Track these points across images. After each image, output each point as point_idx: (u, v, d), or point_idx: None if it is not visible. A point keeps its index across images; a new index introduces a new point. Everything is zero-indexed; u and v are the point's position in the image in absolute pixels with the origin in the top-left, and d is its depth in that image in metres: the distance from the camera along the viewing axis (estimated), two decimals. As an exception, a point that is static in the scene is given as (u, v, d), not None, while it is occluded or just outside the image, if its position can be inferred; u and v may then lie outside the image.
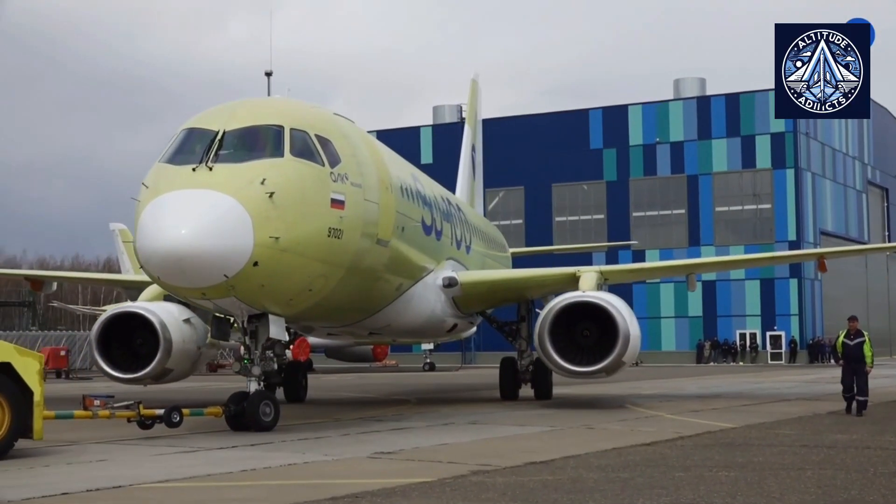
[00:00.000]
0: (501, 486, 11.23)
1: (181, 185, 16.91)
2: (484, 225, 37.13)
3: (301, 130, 18.42)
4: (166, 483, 11.72)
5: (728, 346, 72.87)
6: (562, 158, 78.30)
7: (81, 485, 11.34)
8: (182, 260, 16.20)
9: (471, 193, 43.44)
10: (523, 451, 14.83)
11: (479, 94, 46.88)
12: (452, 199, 30.96)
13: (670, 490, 10.91)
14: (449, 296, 26.28)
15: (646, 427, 19.03)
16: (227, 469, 12.87)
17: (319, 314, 21.77)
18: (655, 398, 28.80)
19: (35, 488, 11.08)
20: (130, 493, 11.03)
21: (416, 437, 17.37)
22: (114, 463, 13.73)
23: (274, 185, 17.03)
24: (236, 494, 11.11)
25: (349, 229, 18.69)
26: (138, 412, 17.25)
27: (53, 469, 13.09)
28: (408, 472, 12.40)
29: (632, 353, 23.77)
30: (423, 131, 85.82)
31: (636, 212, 77.13)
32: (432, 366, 60.96)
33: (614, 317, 23.48)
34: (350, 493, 10.57)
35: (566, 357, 23.64)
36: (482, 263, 31.61)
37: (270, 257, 16.76)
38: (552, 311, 23.81)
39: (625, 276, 35.18)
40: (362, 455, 14.44)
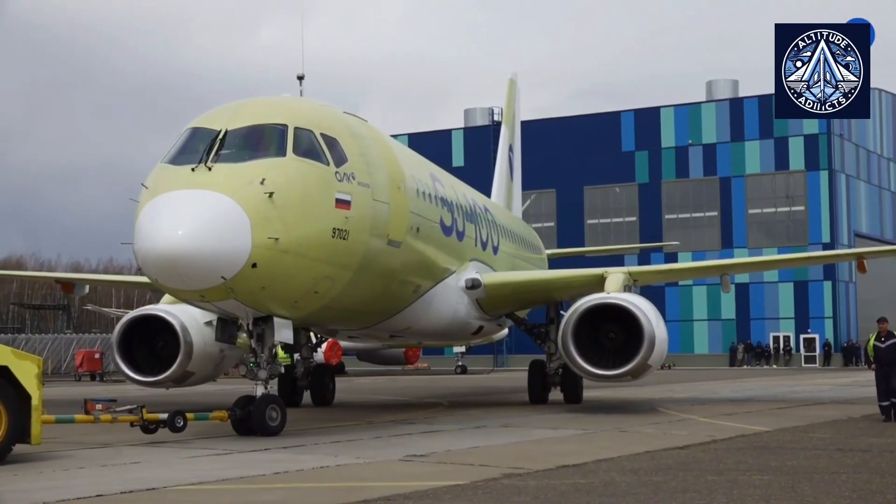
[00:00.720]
0: (533, 489, 11.21)
1: (179, 186, 16.66)
2: (517, 226, 36.59)
3: (306, 129, 18.18)
4: (199, 485, 11.76)
5: (761, 349, 72.42)
6: (593, 161, 78.13)
7: (115, 487, 11.41)
8: (177, 261, 15.94)
9: (507, 194, 42.88)
10: (555, 454, 14.80)
11: (517, 93, 46.18)
12: (479, 199, 30.60)
13: (703, 494, 10.86)
14: (472, 297, 25.96)
15: (678, 430, 18.94)
16: (259, 472, 12.90)
17: (331, 317, 21.60)
18: (688, 401, 28.66)
19: (70, 490, 11.16)
20: (164, 495, 11.08)
21: (448, 440, 17.37)
22: (147, 465, 13.79)
23: (274, 184, 16.76)
24: (269, 497, 11.15)
25: (356, 230, 18.41)
26: (141, 416, 16.97)
27: (88, 471, 13.17)
28: (440, 475, 12.40)
29: (658, 356, 23.16)
30: (455, 134, 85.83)
31: (668, 214, 76.82)
32: (464, 369, 60.94)
33: (639, 319, 22.89)
34: (382, 496, 10.58)
35: (590, 360, 23.19)
36: (512, 265, 31.23)
37: (270, 259, 16.50)
38: (576, 314, 23.37)
39: (654, 277, 34.42)
40: (394, 458, 14.45)
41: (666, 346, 23.61)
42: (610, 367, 23.14)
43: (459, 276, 25.49)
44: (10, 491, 11.22)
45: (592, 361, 23.17)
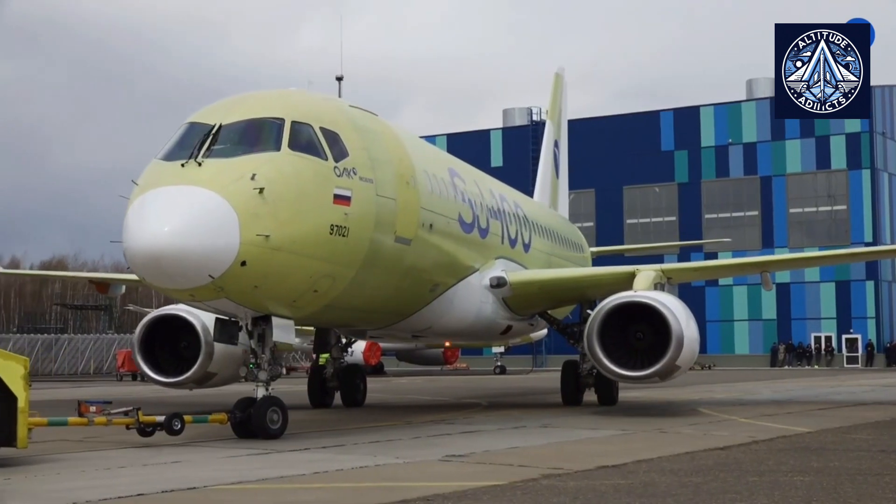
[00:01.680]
0: (573, 489, 11.17)
1: (166, 182, 16.23)
2: (555, 224, 35.87)
3: (304, 123, 17.67)
4: (239, 485, 11.81)
5: (803, 350, 71.93)
6: (633, 160, 77.96)
7: (156, 486, 11.47)
8: (162, 259, 15.52)
9: (552, 192, 42.24)
10: (595, 454, 14.74)
11: (563, 88, 45.28)
12: (509, 195, 29.81)
13: (744, 495, 10.78)
14: (498, 296, 25.42)
15: (719, 431, 18.82)
16: (299, 471, 12.94)
17: (338, 316, 21.31)
18: (728, 402, 28.48)
19: (111, 489, 11.23)
20: (204, 494, 11.13)
21: (487, 440, 17.34)
22: (187, 465, 13.86)
23: (265, 180, 16.24)
24: (308, 497, 11.18)
25: (357, 226, 17.94)
26: (137, 419, 16.57)
27: (129, 470, 13.26)
28: (479, 476, 12.38)
29: (687, 357, 22.27)
30: (493, 134, 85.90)
31: (708, 214, 76.51)
32: (503, 369, 60.92)
33: (666, 318, 22.06)
34: (421, 496, 10.58)
35: (617, 360, 22.44)
36: (547, 263, 30.65)
37: (260, 256, 16.01)
38: (601, 313, 22.67)
39: (689, 274, 33.14)
40: (433, 458, 14.44)
41: (696, 347, 22.83)
42: (638, 367, 22.43)
43: (483, 275, 24.98)
44: (53, 490, 11.32)
45: (620, 362, 22.49)
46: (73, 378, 55.85)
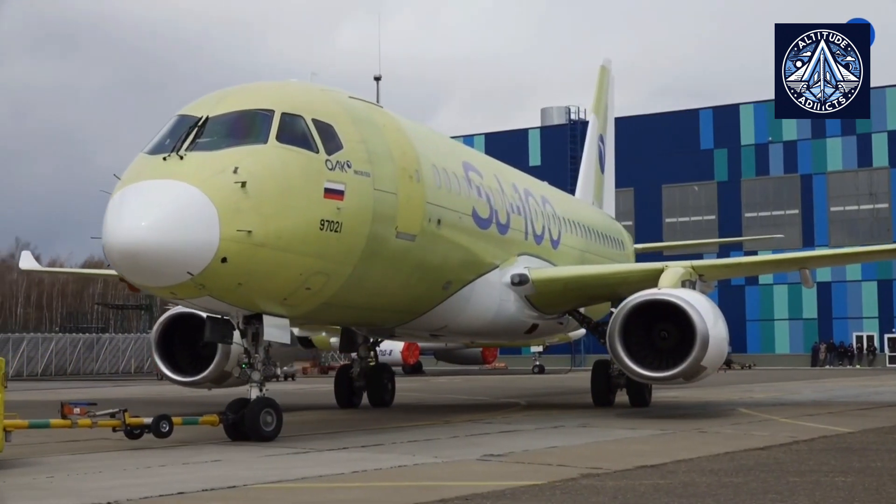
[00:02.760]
0: (612, 489, 11.14)
1: (146, 176, 15.74)
2: (592, 220, 34.88)
3: (295, 115, 17.09)
4: (279, 483, 11.85)
5: (844, 349, 71.34)
6: (672, 159, 77.65)
7: (196, 485, 11.53)
8: (138, 256, 15.03)
9: (596, 187, 41.41)
10: (634, 454, 14.69)
11: (609, 81, 44.26)
12: (536, 190, 28.88)
13: (785, 495, 10.70)
14: (521, 294, 24.64)
15: (759, 431, 18.70)
16: (338, 470, 12.97)
17: (340, 315, 20.88)
18: (769, 402, 28.30)
19: (151, 487, 11.31)
20: (245, 493, 11.18)
21: (525, 439, 17.32)
22: (228, 463, 13.93)
23: (249, 173, 15.69)
24: (347, 496, 11.20)
25: (352, 222, 17.34)
26: (123, 420, 16.09)
27: (169, 469, 13.34)
28: (518, 475, 12.37)
29: (713, 357, 21.36)
30: (531, 133, 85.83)
31: (748, 212, 76.09)
32: (542, 368, 60.85)
33: (690, 316, 21.10)
34: (460, 496, 10.57)
35: (640, 360, 21.59)
36: (580, 260, 29.82)
37: (242, 253, 15.48)
38: (622, 311, 21.83)
39: (722, 271, 31.88)
40: (472, 457, 14.43)
41: (724, 347, 21.98)
42: (664, 368, 21.55)
43: (504, 272, 24.27)
44: (94, 489, 11.41)
45: (644, 362, 21.66)
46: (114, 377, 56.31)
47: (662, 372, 21.53)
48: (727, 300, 73.30)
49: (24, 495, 11.07)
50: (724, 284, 73.45)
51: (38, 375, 57.34)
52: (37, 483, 11.98)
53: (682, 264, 24.94)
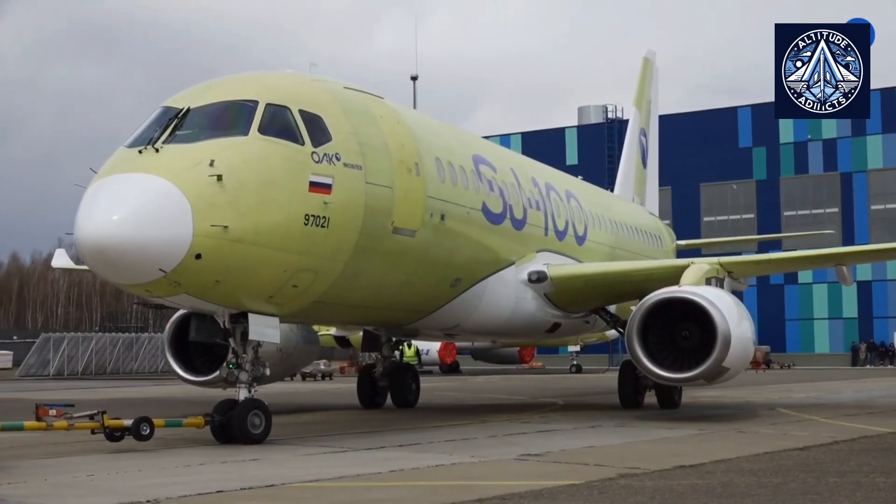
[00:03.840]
0: (650, 489, 11.10)
1: (120, 170, 15.22)
2: (627, 215, 33.94)
3: (280, 106, 16.48)
4: (317, 483, 11.90)
5: (885, 349, 70.71)
6: (710, 157, 77.26)
7: (235, 483, 11.60)
8: (107, 252, 14.52)
9: (637, 182, 40.55)
10: (672, 454, 14.63)
11: (653, 73, 43.27)
12: (560, 184, 27.84)
13: (825, 496, 10.63)
14: (539, 291, 23.81)
15: (799, 431, 18.58)
16: (375, 469, 13.00)
17: (337, 313, 20.34)
18: (808, 402, 28.09)
19: (191, 486, 11.38)
20: (283, 491, 11.23)
21: (563, 439, 17.29)
22: (266, 462, 13.99)
23: (226, 166, 15.10)
24: (385, 495, 11.23)
25: (341, 217, 16.70)
26: (102, 423, 15.70)
27: (208, 468, 13.41)
28: (555, 475, 12.35)
29: (737, 358, 20.45)
30: (568, 132, 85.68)
31: (787, 211, 75.58)
32: (579, 368, 60.70)
33: (711, 314, 20.24)
34: (497, 495, 10.57)
35: (660, 361, 20.76)
36: (609, 256, 28.96)
37: (217, 249, 14.91)
38: (640, 310, 20.98)
39: (752, 268, 30.12)
40: (509, 457, 14.43)
41: (749, 347, 21.09)
42: (685, 369, 20.69)
43: (520, 269, 23.45)
44: (134, 487, 11.50)
45: (665, 363, 20.86)
46: (153, 377, 56.66)
47: (683, 373, 20.76)
48: (766, 299, 72.95)
49: (65, 493, 11.17)
50: (762, 283, 73.18)
51: (79, 374, 57.76)
52: (77, 481, 12.09)
53: (709, 261, 24.22)
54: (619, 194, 39.16)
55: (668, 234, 38.74)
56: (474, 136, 25.02)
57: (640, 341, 20.83)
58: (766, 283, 73.69)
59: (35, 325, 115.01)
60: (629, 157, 41.04)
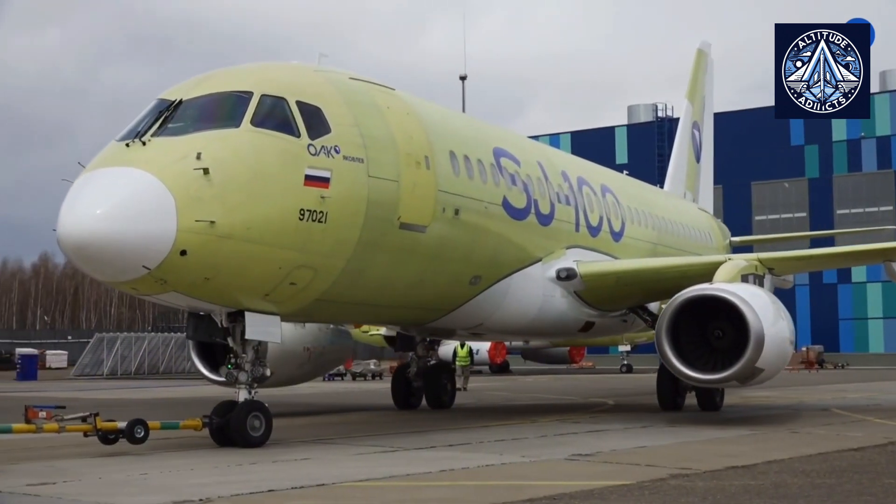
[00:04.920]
0: (701, 490, 11.03)
1: (105, 164, 14.78)
2: (672, 210, 32.81)
3: (277, 97, 15.93)
4: (367, 482, 11.93)
5: (941, 348, 69.78)
6: (761, 155, 76.57)
7: (287, 483, 11.66)
8: (87, 248, 14.05)
9: (689, 177, 39.59)
10: (724, 454, 14.53)
11: (707, 66, 42.24)
12: (594, 178, 26.79)
13: (879, 497, 10.51)
14: (569, 289, 23.04)
15: (853, 432, 18.38)
16: (425, 469, 13.01)
17: (343, 312, 19.51)
18: (862, 402, 27.76)
19: (242, 485, 11.46)
20: (333, 490, 11.27)
21: (613, 439, 17.22)
22: (317, 462, 14.05)
23: (214, 159, 14.59)
24: (435, 494, 11.23)
25: (340, 212, 16.10)
26: (95, 425, 15.20)
27: (260, 467, 13.49)
28: (606, 475, 12.31)
29: (772, 358, 19.52)
30: (618, 131, 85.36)
31: (840, 209, 74.78)
32: (629, 367, 60.36)
33: (743, 313, 19.35)
34: (548, 495, 10.55)
35: (691, 362, 20.00)
36: (650, 253, 28.02)
37: (204, 245, 14.40)
38: (670, 308, 20.22)
39: (794, 264, 28.39)
40: (559, 457, 14.40)
41: (785, 347, 20.10)
42: (718, 369, 19.88)
43: (548, 266, 22.64)
44: (187, 485, 11.59)
45: (698, 363, 20.09)
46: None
47: (714, 374, 19.94)
48: (819, 299, 72.27)
49: (119, 491, 11.29)
50: (815, 283, 72.51)
51: (132, 374, 58.37)
52: (131, 479, 12.21)
53: (747, 257, 23.52)
54: (669, 190, 38.45)
55: (720, 230, 37.75)
56: (498, 128, 24.28)
57: (670, 341, 20.12)
58: (819, 283, 72.99)
59: (89, 326, 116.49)
60: (681, 152, 40.02)
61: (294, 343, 22.66)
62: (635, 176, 34.47)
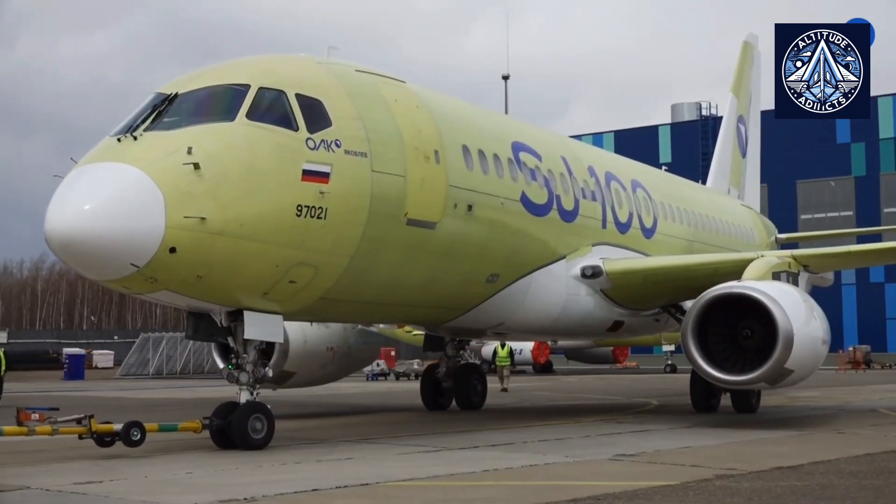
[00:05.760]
0: (747, 491, 10.95)
1: (94, 159, 14.44)
2: (711, 206, 31.76)
3: (275, 90, 15.54)
4: (410, 482, 11.95)
5: None
6: (806, 154, 75.85)
7: (331, 482, 11.70)
8: (73, 245, 13.72)
9: (734, 172, 38.64)
10: (769, 455, 14.43)
11: (754, 58, 41.01)
12: (624, 172, 26.05)
13: (928, 499, 10.40)
14: (595, 288, 22.45)
15: (901, 433, 18.21)
16: (469, 469, 13.01)
17: (351, 311, 18.73)
18: (911, 402, 27.47)
19: (287, 484, 11.51)
20: (376, 490, 11.30)
21: (657, 439, 17.14)
22: (360, 461, 14.09)
23: (205, 154, 14.23)
24: (478, 494, 11.23)
25: (341, 208, 15.63)
26: (90, 427, 14.80)
27: (304, 466, 13.55)
28: (650, 475, 12.25)
29: (802, 359, 18.86)
30: (662, 130, 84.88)
31: (887, 208, 73.90)
32: (674, 367, 59.97)
33: (771, 312, 18.67)
34: (592, 496, 10.52)
35: (718, 362, 19.38)
36: (687, 249, 27.17)
37: (195, 242, 14.01)
38: (696, 306, 19.65)
39: (830, 261, 26.83)
40: (603, 457, 14.35)
41: (818, 348, 19.49)
42: (747, 370, 19.22)
43: (572, 263, 22.04)
44: (232, 484, 11.66)
45: (726, 364, 19.47)
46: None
47: (742, 375, 19.27)
48: (866, 298, 71.56)
49: (165, 490, 11.38)
50: (862, 282, 71.79)
51: (177, 374, 58.81)
52: (177, 479, 12.30)
53: (779, 253, 23.00)
54: (712, 186, 37.61)
55: (765, 227, 36.78)
56: (518, 123, 23.86)
57: (696, 341, 19.48)
58: (866, 281, 72.24)
59: (135, 326, 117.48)
60: (725, 147, 38.94)
61: (317, 343, 22.53)
62: (680, 174, 34.12)
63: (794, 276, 21.77)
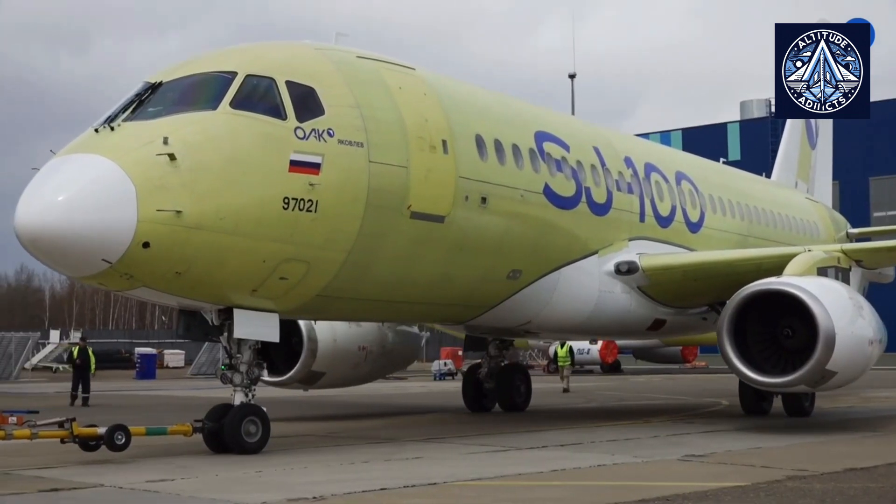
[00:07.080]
0: (819, 492, 10.80)
1: (69, 151, 13.89)
2: (769, 199, 30.13)
3: (264, 77, 14.87)
4: (478, 481, 11.94)
5: None
6: (880, 149, 74.67)
7: (398, 481, 11.72)
8: (40, 241, 13.14)
9: (801, 164, 37.24)
10: (843, 456, 14.23)
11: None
12: (666, 163, 24.77)
13: None
14: (631, 284, 21.38)
15: (978, 434, 17.86)
16: (537, 469, 12.99)
17: (354, 308, 17.55)
18: None
19: (355, 483, 11.55)
20: (444, 489, 11.31)
21: (727, 439, 16.97)
22: (428, 461, 14.10)
23: (182, 145, 13.61)
24: (546, 494, 11.20)
25: (334, 200, 14.89)
26: (71, 431, 14.06)
27: (372, 465, 13.59)
28: (720, 476, 12.14)
29: (846, 360, 17.66)
30: (730, 128, 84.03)
31: (961, 205, 72.60)
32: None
33: (811, 309, 17.52)
34: (661, 496, 10.44)
35: (757, 363, 18.35)
36: (738, 244, 25.82)
37: (169, 237, 13.38)
38: (732, 304, 18.60)
39: (884, 256, 25.35)
40: (672, 457, 14.24)
41: (865, 348, 18.18)
42: (788, 372, 18.06)
43: (605, 259, 21.02)
44: (301, 483, 11.73)
45: (766, 366, 18.40)
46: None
47: (781, 377, 18.11)
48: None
49: (235, 488, 11.47)
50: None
51: (221, 375, 59.28)
52: (247, 478, 12.40)
53: (827, 248, 22.00)
54: (777, 179, 36.26)
55: (833, 221, 34.90)
56: (546, 111, 22.59)
57: (731, 340, 18.40)
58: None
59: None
60: (792, 139, 37.73)
61: (348, 342, 21.93)
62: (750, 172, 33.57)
63: (845, 271, 20.78)
